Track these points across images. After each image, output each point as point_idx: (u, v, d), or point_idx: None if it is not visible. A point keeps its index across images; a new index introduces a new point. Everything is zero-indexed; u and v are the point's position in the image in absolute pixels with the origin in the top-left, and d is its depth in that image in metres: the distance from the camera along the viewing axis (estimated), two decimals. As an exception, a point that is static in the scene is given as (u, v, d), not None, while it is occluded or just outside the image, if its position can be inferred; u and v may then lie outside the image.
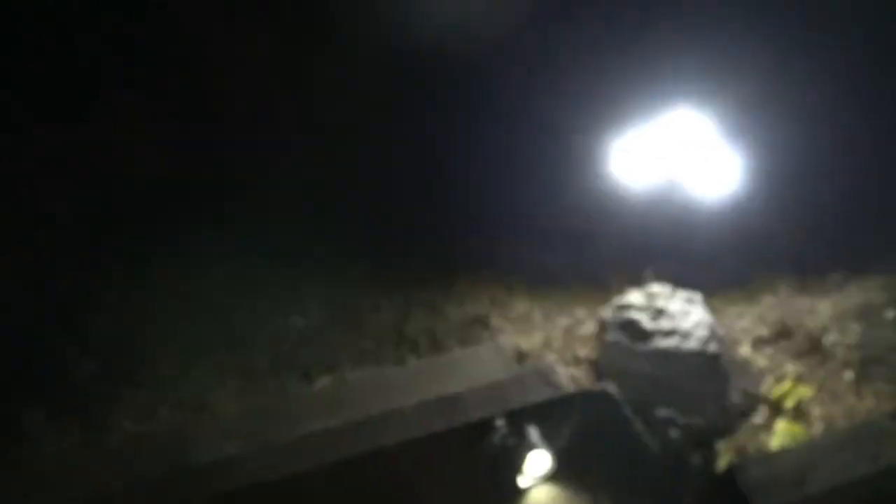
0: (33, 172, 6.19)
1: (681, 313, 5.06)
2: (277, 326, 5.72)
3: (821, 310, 5.45)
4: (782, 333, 5.29)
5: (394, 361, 5.40)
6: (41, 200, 6.18)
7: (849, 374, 4.92)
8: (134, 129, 6.35)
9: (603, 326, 5.16)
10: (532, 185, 6.79)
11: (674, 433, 4.66)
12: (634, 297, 5.26)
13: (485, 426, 4.13)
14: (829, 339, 5.20)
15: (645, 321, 5.02)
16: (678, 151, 6.39)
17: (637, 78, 6.67)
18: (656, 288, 5.33)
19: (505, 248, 6.57)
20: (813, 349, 5.13)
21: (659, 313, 5.07)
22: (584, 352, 5.32)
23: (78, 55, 6.52)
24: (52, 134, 6.29)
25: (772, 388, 4.91)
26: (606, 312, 5.21)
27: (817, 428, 4.63)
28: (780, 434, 4.64)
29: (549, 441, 3.99)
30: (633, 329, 5.01)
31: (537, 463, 3.94)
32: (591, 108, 6.68)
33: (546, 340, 5.45)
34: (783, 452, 4.40)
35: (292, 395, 5.13)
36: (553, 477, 3.97)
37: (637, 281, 5.59)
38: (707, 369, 4.86)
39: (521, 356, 5.28)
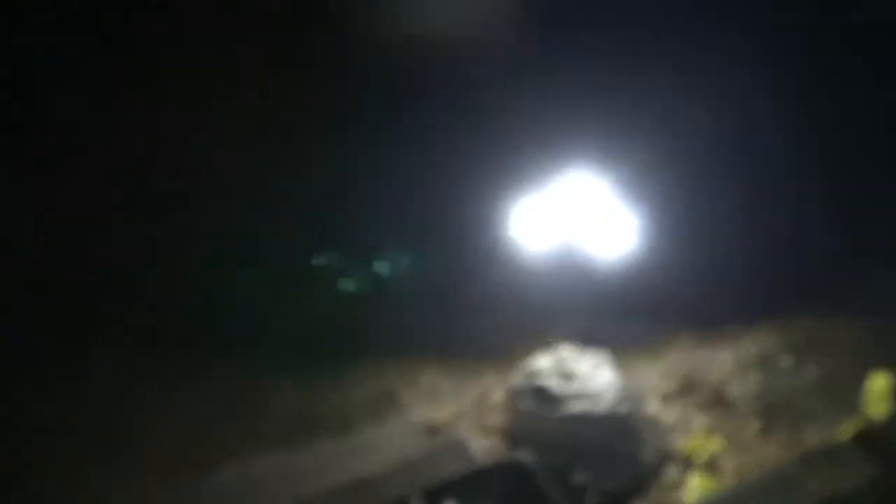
0: None
1: (589, 375, 5.08)
2: (176, 417, 5.45)
3: (722, 361, 5.56)
4: (688, 388, 5.36)
5: (301, 445, 5.20)
6: None
7: (754, 424, 5.01)
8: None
9: (513, 394, 5.12)
10: (432, 252, 6.79)
11: (590, 498, 4.61)
12: (543, 361, 5.25)
13: (401, 506, 4.01)
14: (733, 390, 5.30)
15: (555, 386, 5.01)
16: (576, 213, 6.49)
17: (531, 142, 6.81)
18: (564, 351, 5.34)
19: (410, 320, 6.49)
20: (718, 401, 5.22)
21: (568, 377, 5.07)
22: (496, 421, 5.24)
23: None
24: None
25: (683, 444, 4.94)
26: (516, 379, 5.18)
27: (729, 480, 4.66)
28: (694, 489, 4.65)
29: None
30: (543, 395, 4.99)
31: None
32: (486, 175, 6.76)
33: (457, 412, 5.36)
34: (698, 508, 4.41)
35: (196, 489, 4.86)
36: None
37: (544, 345, 5.60)
38: (619, 430, 4.86)
39: (432, 430, 5.17)
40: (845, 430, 4.73)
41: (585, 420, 4.83)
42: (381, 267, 6.91)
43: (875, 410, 4.65)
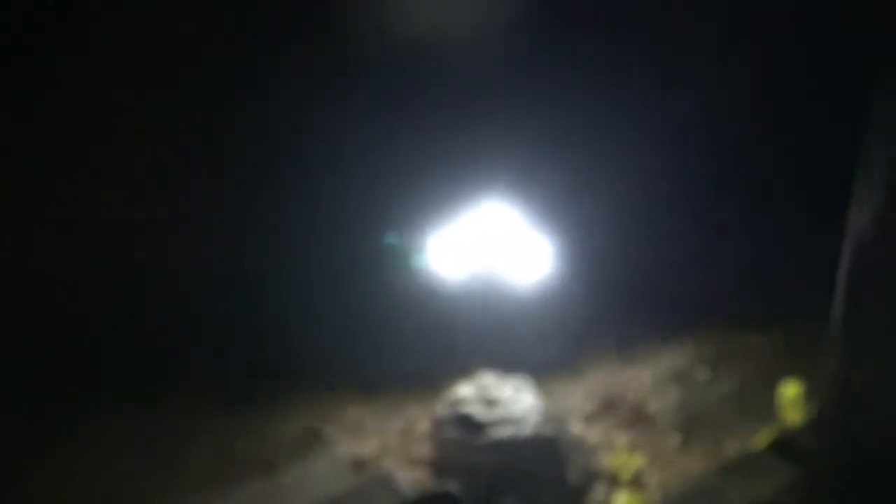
0: None
1: (512, 400, 5.09)
2: (88, 476, 5.21)
3: (641, 379, 5.67)
4: (609, 407, 5.44)
5: (226, 488, 5.04)
6: None
7: (675, 438, 5.11)
8: None
9: (438, 424, 5.09)
10: (349, 287, 6.75)
11: (520, 523, 4.61)
12: (465, 389, 5.25)
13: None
14: (653, 406, 5.40)
15: (478, 413, 5.00)
16: (493, 241, 6.55)
17: (444, 174, 6.87)
18: (486, 378, 5.35)
19: (331, 355, 6.42)
20: (639, 418, 5.31)
21: (491, 403, 5.08)
22: (422, 452, 5.20)
23: None
24: None
25: (607, 462, 5.00)
26: (440, 409, 5.16)
27: (654, 495, 4.73)
28: (621, 506, 4.71)
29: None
30: (467, 423, 4.98)
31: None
32: (401, 208, 6.79)
33: (382, 445, 5.30)
34: (626, 525, 4.46)
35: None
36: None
37: (466, 373, 5.60)
38: (544, 453, 4.88)
39: (358, 465, 5.10)
40: (762, 439, 4.87)
41: (511, 445, 4.83)
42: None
43: (788, 417, 4.81)
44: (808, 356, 5.56)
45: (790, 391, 4.90)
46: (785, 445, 4.67)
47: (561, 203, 6.94)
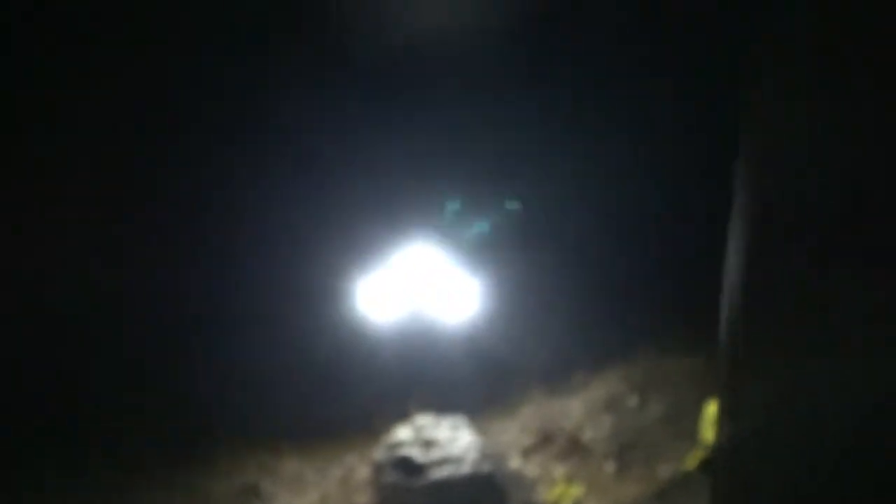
0: None
1: (449, 440, 5.14)
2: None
3: (574, 409, 5.77)
4: (545, 439, 5.52)
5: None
6: None
7: (610, 465, 5.22)
8: None
9: (377, 469, 5.09)
10: (277, 337, 6.70)
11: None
12: (402, 432, 5.28)
13: None
14: (587, 435, 5.50)
15: (417, 455, 5.03)
16: (420, 282, 6.61)
17: (371, 216, 6.94)
18: (422, 419, 5.39)
19: (262, 409, 6.34)
20: (574, 448, 5.40)
21: (429, 444, 5.11)
22: (362, 499, 5.19)
23: None
24: None
25: (546, 494, 5.06)
26: (378, 454, 5.16)
27: (594, 524, 4.82)
28: (563, 538, 4.77)
29: None
30: (406, 465, 5.00)
31: None
32: (326, 253, 6.81)
33: (322, 497, 5.27)
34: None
35: None
36: None
37: (402, 416, 5.62)
38: (484, 489, 4.93)
39: (298, 519, 5.05)
40: (692, 460, 5.02)
41: (450, 484, 4.87)
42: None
43: (710, 437, 4.97)
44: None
45: (713, 410, 5.07)
46: (711, 465, 4.82)
47: (489, 243, 7.09)
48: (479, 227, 7.06)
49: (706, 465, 4.74)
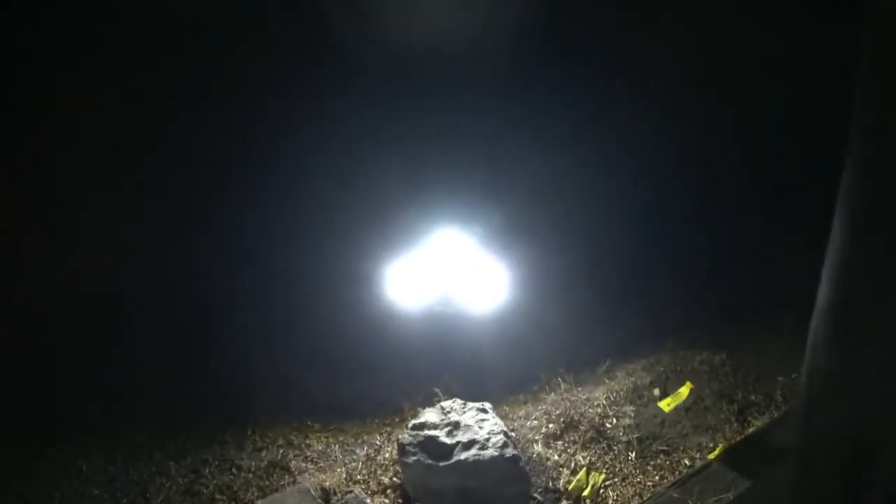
0: None
1: (475, 424, 5.22)
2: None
3: (597, 399, 5.85)
4: (569, 426, 5.60)
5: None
6: None
7: (632, 454, 5.30)
8: None
9: (402, 449, 5.19)
10: (310, 320, 6.84)
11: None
12: (429, 415, 5.37)
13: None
14: (609, 424, 5.59)
15: (442, 437, 5.12)
16: (451, 270, 6.70)
17: (404, 205, 7.08)
18: (448, 403, 5.49)
19: (293, 389, 6.49)
20: (597, 436, 5.48)
21: (454, 427, 5.20)
22: (388, 478, 5.30)
23: None
24: None
25: (569, 480, 5.16)
26: (403, 435, 5.26)
27: (615, 510, 4.91)
28: (583, 523, 4.87)
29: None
30: (432, 446, 5.09)
31: None
32: (360, 239, 6.95)
33: (349, 474, 5.38)
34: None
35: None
36: None
37: (429, 400, 5.73)
38: (508, 473, 5.00)
39: (326, 494, 5.16)
40: (711, 452, 5.10)
41: (474, 467, 4.95)
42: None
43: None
44: (752, 373, 5.87)
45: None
46: (732, 457, 4.90)
47: (518, 232, 7.19)
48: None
49: (727, 456, 4.86)
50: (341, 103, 7.33)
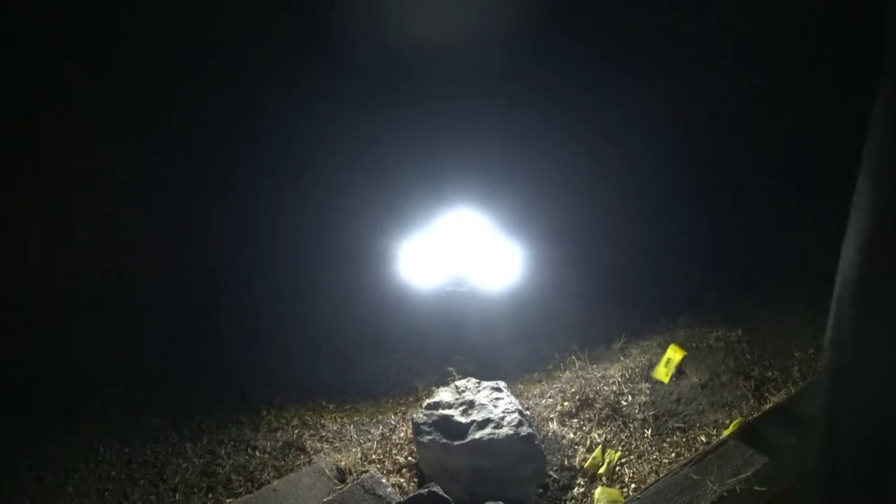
0: None
1: (490, 402, 5.21)
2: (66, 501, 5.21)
3: (612, 376, 5.83)
4: (584, 404, 5.58)
5: (211, 505, 5.09)
6: None
7: (648, 431, 5.28)
8: None
9: (417, 429, 5.18)
10: (323, 300, 6.85)
11: (504, 521, 4.72)
12: (443, 394, 5.37)
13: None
14: (625, 401, 5.57)
15: (457, 416, 5.12)
16: (463, 248, 6.66)
17: (418, 183, 7.07)
18: (462, 382, 5.47)
19: (307, 371, 6.50)
20: (613, 414, 5.46)
21: (469, 406, 5.19)
22: (403, 457, 5.30)
23: None
24: None
25: (584, 458, 5.14)
26: (418, 414, 5.25)
27: (630, 488, 4.88)
28: (599, 500, 4.84)
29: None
30: (446, 426, 5.08)
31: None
32: (375, 216, 6.95)
33: (364, 453, 5.39)
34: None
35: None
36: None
37: (443, 379, 5.72)
38: (523, 452, 4.99)
39: (341, 474, 5.18)
40: (728, 428, 5.07)
41: (489, 446, 4.94)
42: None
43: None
44: (768, 349, 5.83)
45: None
46: (749, 434, 4.86)
47: (530, 209, 7.16)
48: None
49: (744, 433, 4.82)
50: (354, 91, 7.35)
